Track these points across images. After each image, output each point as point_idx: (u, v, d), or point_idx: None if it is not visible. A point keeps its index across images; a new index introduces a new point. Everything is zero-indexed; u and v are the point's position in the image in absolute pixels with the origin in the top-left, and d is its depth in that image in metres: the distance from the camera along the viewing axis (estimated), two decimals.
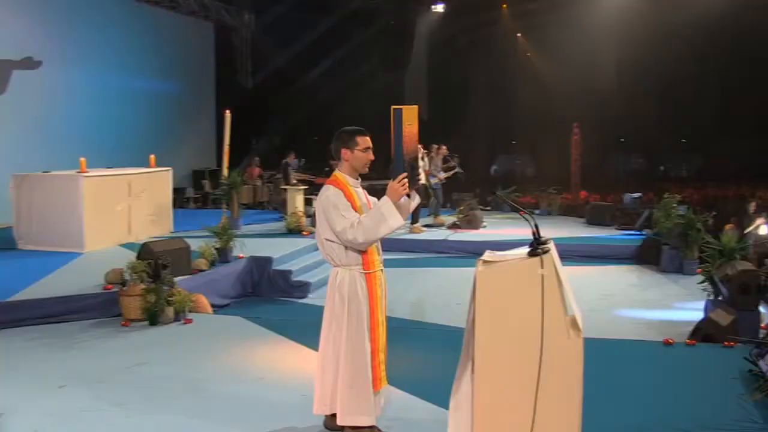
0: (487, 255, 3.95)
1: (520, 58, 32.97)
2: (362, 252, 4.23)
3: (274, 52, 21.38)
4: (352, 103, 23.59)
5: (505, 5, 30.04)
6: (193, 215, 14.80)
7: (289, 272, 9.91)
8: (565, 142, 24.14)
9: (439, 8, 24.76)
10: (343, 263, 4.26)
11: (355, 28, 22.58)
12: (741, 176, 28.63)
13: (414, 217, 13.55)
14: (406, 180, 4.16)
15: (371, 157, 4.37)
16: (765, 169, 31.31)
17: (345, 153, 4.33)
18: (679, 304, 9.12)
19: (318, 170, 17.49)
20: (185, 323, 7.39)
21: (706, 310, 7.59)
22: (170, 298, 7.45)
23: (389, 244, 12.75)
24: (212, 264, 9.30)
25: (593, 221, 15.21)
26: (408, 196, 4.32)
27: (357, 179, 4.41)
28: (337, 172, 4.38)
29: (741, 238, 8.70)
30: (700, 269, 10.53)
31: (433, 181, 14.62)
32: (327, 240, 4.27)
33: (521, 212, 4.64)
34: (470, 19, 27.98)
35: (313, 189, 15.45)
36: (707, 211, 11.75)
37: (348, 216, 4.16)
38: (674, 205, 11.91)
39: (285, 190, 14.44)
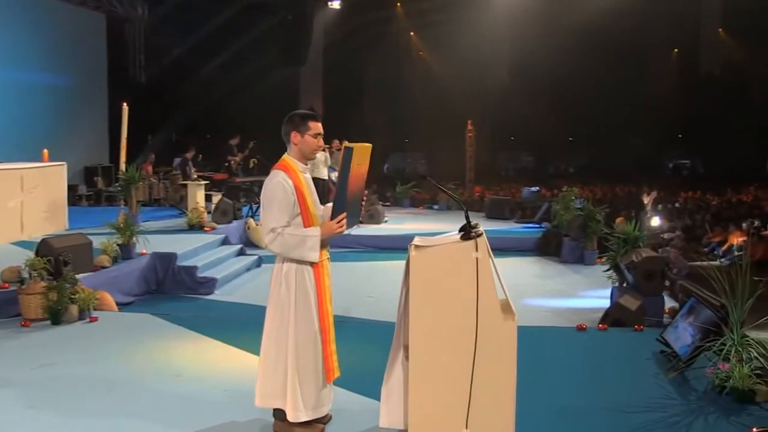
0: (418, 240, 3.96)
1: (414, 57, 33.44)
2: None
3: (168, 46, 20.82)
4: (248, 100, 23.30)
5: (399, 3, 30.32)
6: (86, 213, 14.20)
7: (195, 268, 9.62)
8: (460, 139, 24.53)
9: (336, 5, 24.70)
10: None
11: (252, 21, 22.26)
12: (626, 173, 30.00)
13: None
14: (344, 221, 4.10)
15: (321, 143, 4.28)
16: (647, 167, 32.99)
17: (295, 136, 4.21)
18: (582, 293, 9.44)
19: (216, 166, 17.13)
20: (91, 321, 7.08)
21: (612, 296, 7.89)
22: (73, 296, 7.12)
23: None
24: (114, 261, 8.95)
25: (493, 215, 15.53)
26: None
27: (306, 165, 4.32)
28: (286, 157, 4.26)
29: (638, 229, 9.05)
30: (600, 259, 11.00)
31: (333, 175, 14.59)
32: None
33: (455, 198, 4.74)
34: (365, 17, 28.11)
35: (211, 185, 15.14)
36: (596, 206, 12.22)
37: (281, 217, 4.06)
38: (573, 198, 12.35)
39: (184, 186, 14.08)
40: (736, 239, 14.65)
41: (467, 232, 3.79)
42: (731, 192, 23.90)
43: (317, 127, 4.23)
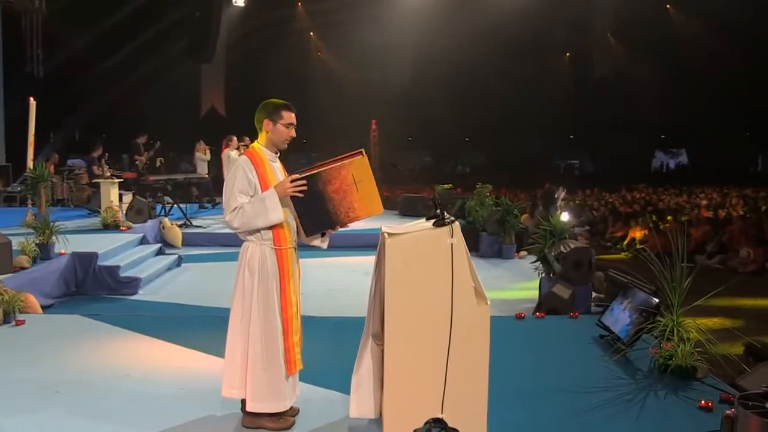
0: (387, 228, 4.02)
1: (314, 57, 33.42)
2: (273, 227, 4.10)
3: (68, 40, 19.97)
4: (149, 97, 22.69)
5: (300, 3, 30.24)
6: None
7: (117, 268, 9.30)
8: (362, 139, 24.65)
9: (240, 2, 24.40)
10: (253, 237, 4.14)
11: (156, 17, 21.67)
12: (520, 172, 30.93)
13: None
14: (300, 185, 4.03)
15: (293, 134, 4.25)
16: (541, 166, 34.13)
17: (267, 124, 4.19)
18: (506, 285, 9.66)
19: (121, 165, 16.59)
20: (17, 325, 6.75)
21: (542, 287, 8.13)
22: None
23: (211, 239, 12.40)
24: (34, 261, 8.56)
25: (406, 212, 15.64)
26: (323, 235, 4.26)
27: (276, 153, 4.29)
28: (255, 144, 4.25)
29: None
30: (518, 253, 11.37)
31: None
32: None
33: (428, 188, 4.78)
34: (268, 15, 27.87)
35: (121, 184, 14.66)
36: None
37: (241, 197, 4.05)
38: (487, 194, 12.63)
39: (90, 185, 13.58)
40: (637, 233, 15.41)
41: (440, 219, 3.87)
42: (624, 190, 25.08)
43: (290, 117, 4.22)
